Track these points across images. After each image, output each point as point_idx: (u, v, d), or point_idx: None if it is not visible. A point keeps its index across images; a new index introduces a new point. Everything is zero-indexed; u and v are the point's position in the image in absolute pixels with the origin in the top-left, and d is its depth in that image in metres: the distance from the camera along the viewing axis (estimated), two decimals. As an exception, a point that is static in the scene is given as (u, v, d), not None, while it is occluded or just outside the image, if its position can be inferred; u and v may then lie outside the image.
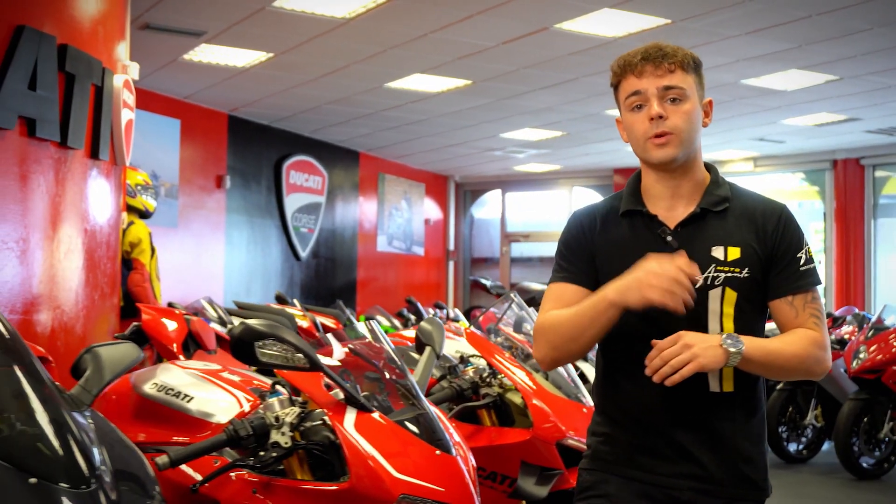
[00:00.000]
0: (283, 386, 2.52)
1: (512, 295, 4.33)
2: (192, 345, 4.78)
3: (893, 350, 7.68)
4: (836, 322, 8.86)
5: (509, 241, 17.85)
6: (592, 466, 2.30)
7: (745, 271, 2.21)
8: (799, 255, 2.25)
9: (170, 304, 6.79)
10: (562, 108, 11.36)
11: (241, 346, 2.32)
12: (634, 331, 2.21)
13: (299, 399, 2.49)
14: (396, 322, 10.50)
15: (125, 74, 5.81)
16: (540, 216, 17.89)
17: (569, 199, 17.13)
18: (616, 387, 2.30)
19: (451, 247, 17.74)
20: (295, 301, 9.07)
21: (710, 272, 2.21)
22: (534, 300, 14.94)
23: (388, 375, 2.56)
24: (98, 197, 5.46)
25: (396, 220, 15.95)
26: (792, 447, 8.41)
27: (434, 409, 2.55)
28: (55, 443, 1.80)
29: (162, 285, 7.22)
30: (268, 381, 2.84)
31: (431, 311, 11.83)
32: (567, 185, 17.11)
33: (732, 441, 2.23)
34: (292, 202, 13.13)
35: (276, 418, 2.36)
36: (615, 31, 8.08)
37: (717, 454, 2.22)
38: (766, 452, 2.31)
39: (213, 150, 11.84)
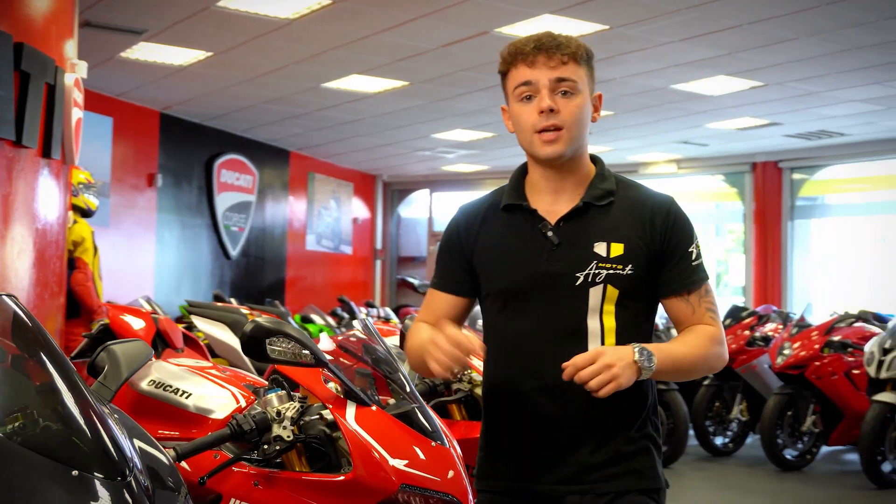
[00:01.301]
0: (281, 382, 2.60)
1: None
2: (159, 344, 4.80)
3: (816, 347, 8.02)
4: (760, 320, 9.19)
5: (436, 241, 17.98)
6: (480, 487, 2.26)
7: (628, 268, 2.14)
8: (690, 249, 2.19)
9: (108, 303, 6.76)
10: (494, 110, 11.52)
11: (253, 343, 2.41)
12: (512, 332, 2.19)
13: (297, 394, 2.58)
14: (331, 320, 10.57)
15: (74, 73, 5.79)
16: (467, 216, 18.06)
17: (496, 199, 17.32)
18: (498, 391, 2.23)
19: (379, 246, 17.82)
20: (232, 300, 9.08)
21: (591, 269, 2.14)
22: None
23: (381, 370, 2.67)
24: (48, 196, 5.44)
25: (325, 219, 15.97)
26: (718, 440, 8.72)
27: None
28: (91, 436, 1.86)
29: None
30: (251, 376, 2.94)
31: (363, 310, 11.92)
32: (494, 185, 17.06)
33: (616, 436, 2.16)
34: (223, 201, 13.09)
35: (278, 413, 2.45)
36: (553, 37, 8.26)
37: (599, 451, 2.15)
38: (658, 444, 2.23)
39: (144, 149, 11.74)
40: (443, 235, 2.33)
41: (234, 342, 5.10)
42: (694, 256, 2.20)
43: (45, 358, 1.95)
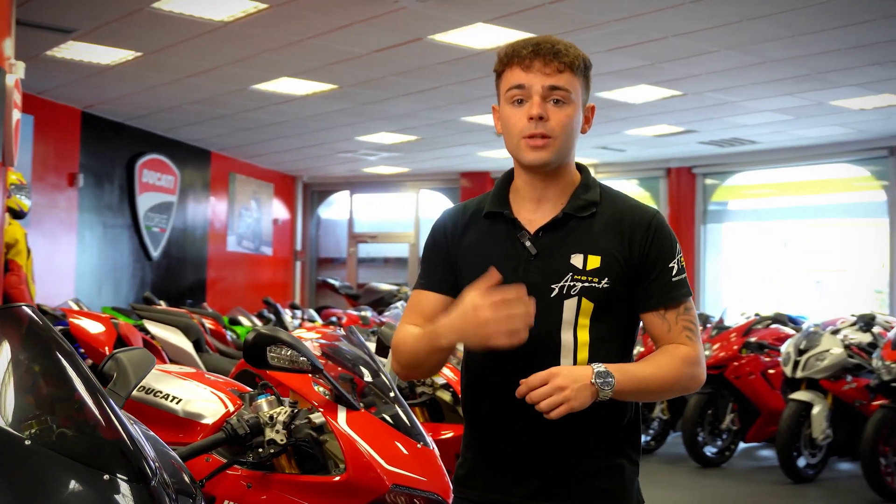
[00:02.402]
0: (270, 387, 2.69)
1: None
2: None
3: (735, 348, 8.36)
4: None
5: (356, 242, 18.05)
6: (457, 493, 2.25)
7: (604, 281, 2.10)
8: (671, 265, 2.15)
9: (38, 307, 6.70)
10: (420, 114, 11.67)
11: (254, 350, 2.49)
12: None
13: (287, 399, 2.67)
14: (258, 322, 10.56)
15: (14, 74, 5.74)
16: (387, 217, 18.17)
17: (415, 201, 17.48)
18: (472, 400, 2.22)
19: (299, 247, 17.79)
20: (161, 302, 9.02)
21: (566, 281, 2.11)
22: (382, 300, 15.29)
23: (364, 375, 2.77)
24: (-11, 198, 5.39)
25: (246, 219, 15.91)
26: (641, 438, 8.98)
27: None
28: (117, 441, 1.94)
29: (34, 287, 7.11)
30: (233, 382, 3.01)
31: (289, 311, 11.91)
32: (414, 188, 17.45)
33: (590, 454, 2.14)
34: (145, 201, 12.95)
35: (271, 417, 2.54)
36: (485, 44, 8.44)
37: (572, 469, 2.13)
38: (635, 461, 2.20)
39: (65, 148, 11.56)
40: (427, 239, 2.30)
41: (188, 345, 5.13)
42: (674, 273, 2.16)
43: (65, 365, 2.01)
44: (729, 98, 10.52)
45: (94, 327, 4.87)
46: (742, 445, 8.76)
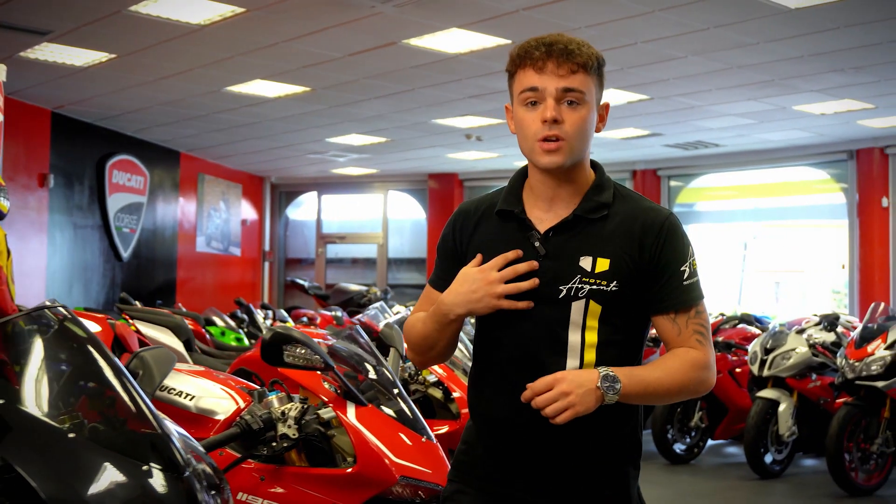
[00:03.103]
0: (281, 384, 2.80)
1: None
2: (116, 349, 4.86)
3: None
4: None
5: (325, 243, 18.12)
6: (452, 477, 2.25)
7: (612, 284, 2.09)
8: (683, 268, 2.13)
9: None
10: (392, 116, 11.78)
11: (272, 349, 2.61)
12: (496, 339, 2.18)
13: (297, 396, 2.78)
14: (231, 322, 10.61)
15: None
16: (355, 218, 18.27)
17: (383, 201, 17.59)
18: (480, 395, 2.23)
19: (267, 247, 17.83)
20: (136, 302, 9.06)
21: (574, 283, 2.10)
22: (352, 301, 15.36)
23: (368, 372, 2.89)
24: (-25, 200, 5.42)
25: (215, 220, 15.93)
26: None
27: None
28: (153, 434, 2.05)
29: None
30: (238, 379, 3.12)
31: (261, 312, 11.97)
32: (382, 189, 17.55)
33: (593, 457, 2.14)
34: (115, 202, 12.95)
35: (283, 413, 2.66)
36: (459, 48, 8.57)
37: (575, 470, 2.14)
38: (637, 464, 2.22)
39: (36, 148, 11.53)
40: (441, 234, 2.31)
41: (179, 346, 5.21)
42: (686, 276, 2.14)
43: (102, 363, 2.12)
44: (695, 102, 10.74)
45: (91, 328, 4.91)
46: (710, 442, 8.96)
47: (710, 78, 9.60)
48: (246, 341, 9.46)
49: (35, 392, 2.01)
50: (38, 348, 2.10)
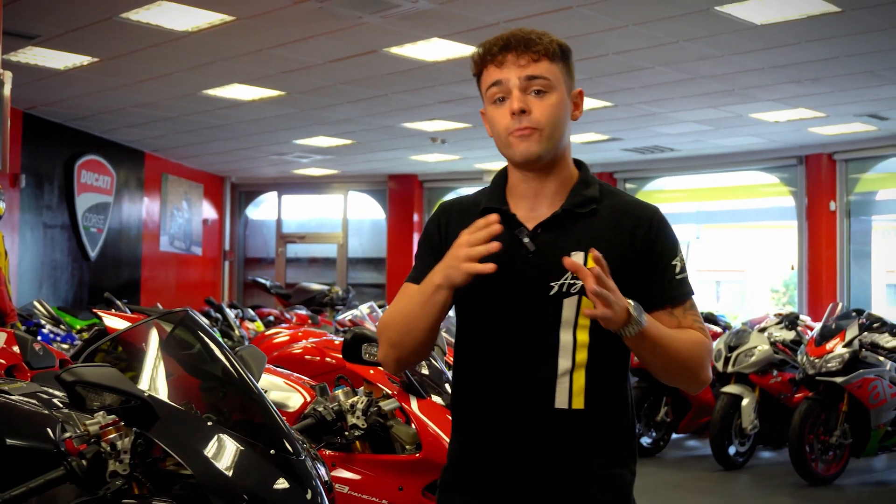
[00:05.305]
0: (346, 380, 3.07)
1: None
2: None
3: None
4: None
5: (285, 242, 18.28)
6: (442, 499, 2.20)
7: None
8: (674, 262, 2.09)
9: None
10: (360, 120, 12.02)
11: (353, 347, 2.89)
12: (481, 340, 2.12)
13: (361, 389, 3.07)
14: (206, 322, 10.77)
15: (6, 82, 5.95)
16: (315, 217, 18.46)
17: (343, 202, 17.81)
18: (464, 405, 2.17)
19: (227, 247, 17.95)
20: (119, 302, 9.20)
21: (566, 279, 2.03)
22: (313, 300, 15.55)
23: (421, 367, 3.18)
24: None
25: (178, 220, 16.03)
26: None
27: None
28: (274, 423, 2.33)
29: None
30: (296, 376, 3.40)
31: (231, 311, 12.14)
32: (342, 189, 17.76)
33: (584, 463, 2.07)
34: (83, 202, 13.03)
35: (352, 406, 2.94)
36: (437, 56, 8.86)
37: (565, 478, 2.06)
38: (633, 472, 2.16)
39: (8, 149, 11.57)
40: (423, 231, 2.24)
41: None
42: (678, 270, 2.10)
43: (223, 359, 2.39)
44: (656, 109, 11.16)
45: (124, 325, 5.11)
46: (674, 436, 9.37)
47: (674, 87, 10.01)
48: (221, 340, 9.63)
49: (174, 385, 2.27)
50: (172, 346, 2.36)
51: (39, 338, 7.00)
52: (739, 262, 20.79)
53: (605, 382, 2.09)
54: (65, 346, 7.09)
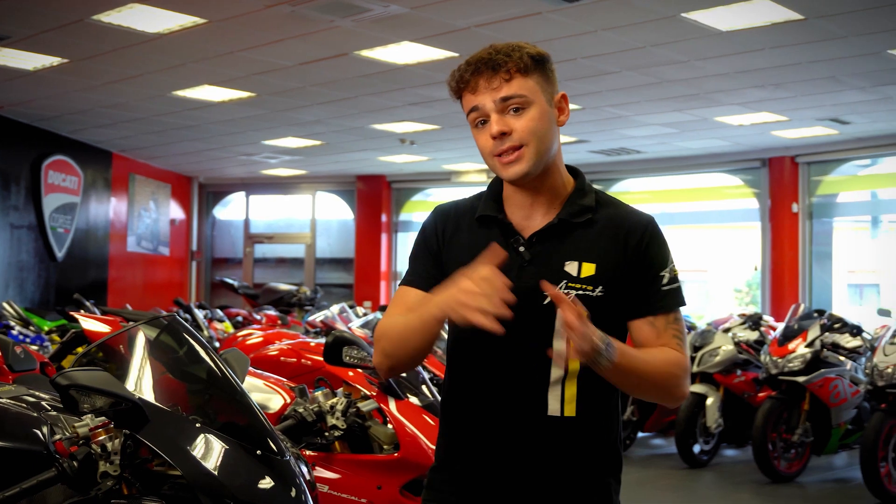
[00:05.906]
0: (326, 381, 3.15)
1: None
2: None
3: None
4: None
5: (253, 243, 18.27)
6: (428, 497, 2.21)
7: (598, 289, 2.05)
8: (662, 273, 2.09)
9: None
10: (330, 121, 12.08)
11: (333, 350, 2.96)
12: (474, 348, 2.12)
13: (340, 391, 3.14)
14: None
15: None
16: (283, 218, 18.47)
17: (311, 202, 17.84)
18: (456, 408, 2.18)
19: (195, 247, 17.91)
20: (88, 303, 9.20)
21: (560, 288, 2.03)
22: (282, 300, 15.57)
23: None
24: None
25: (145, 220, 16.00)
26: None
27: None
28: (259, 425, 2.40)
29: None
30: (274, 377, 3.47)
31: (200, 311, 12.14)
32: (310, 190, 17.79)
33: (573, 470, 2.09)
34: (50, 202, 12.98)
35: (331, 407, 3.02)
36: (408, 59, 8.94)
37: (555, 484, 2.08)
38: (619, 481, 2.19)
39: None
40: (418, 234, 2.25)
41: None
42: (665, 281, 2.10)
43: (209, 362, 2.46)
44: (623, 112, 11.31)
45: (106, 329, 5.13)
46: (640, 434, 9.51)
47: (640, 91, 10.16)
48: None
49: (161, 388, 2.34)
50: (158, 350, 2.43)
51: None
52: (703, 263, 21.04)
53: (596, 391, 2.10)
54: (34, 348, 7.09)
